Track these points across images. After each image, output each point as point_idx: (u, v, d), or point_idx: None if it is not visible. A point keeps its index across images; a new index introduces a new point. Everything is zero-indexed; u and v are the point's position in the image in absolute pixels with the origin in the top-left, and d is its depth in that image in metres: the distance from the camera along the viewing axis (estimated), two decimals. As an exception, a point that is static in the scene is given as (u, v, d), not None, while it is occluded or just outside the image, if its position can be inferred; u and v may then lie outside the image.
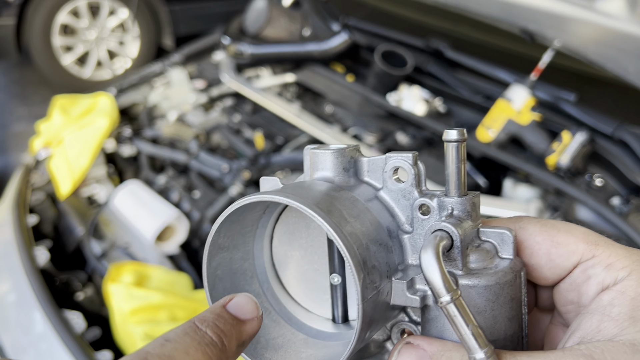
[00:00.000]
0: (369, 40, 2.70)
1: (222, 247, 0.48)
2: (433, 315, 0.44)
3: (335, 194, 0.47)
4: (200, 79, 2.88)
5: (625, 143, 1.95)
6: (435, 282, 0.39)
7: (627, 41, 2.16)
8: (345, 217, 0.44)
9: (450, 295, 0.39)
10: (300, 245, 0.53)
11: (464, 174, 0.45)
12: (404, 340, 0.44)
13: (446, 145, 0.45)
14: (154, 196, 2.10)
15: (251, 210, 0.48)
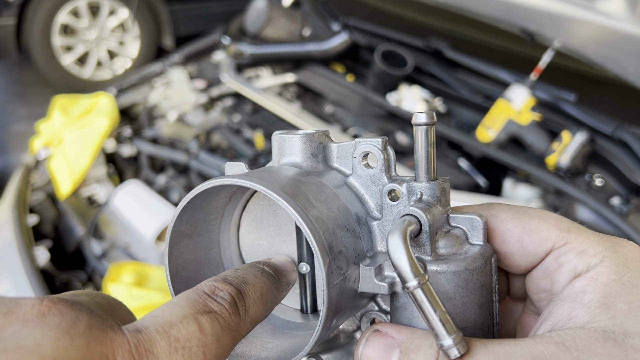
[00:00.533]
0: (369, 40, 2.70)
1: (184, 234, 0.47)
2: (402, 302, 0.43)
3: (302, 178, 0.46)
4: (200, 79, 2.88)
5: (625, 143, 1.95)
6: (402, 267, 0.38)
7: (627, 41, 2.16)
8: (311, 202, 0.43)
9: (417, 280, 0.38)
10: (268, 233, 0.52)
11: (433, 159, 0.44)
12: (371, 328, 0.43)
13: (415, 129, 0.44)
14: (154, 196, 2.10)
15: (215, 197, 0.47)
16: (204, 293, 0.37)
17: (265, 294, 0.41)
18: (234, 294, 0.38)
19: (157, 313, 0.36)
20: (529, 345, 0.37)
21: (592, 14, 2.24)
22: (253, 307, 0.39)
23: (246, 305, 0.38)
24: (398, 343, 0.41)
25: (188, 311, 0.35)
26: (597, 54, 2.14)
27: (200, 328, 0.34)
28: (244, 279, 0.40)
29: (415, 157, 0.45)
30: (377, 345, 0.41)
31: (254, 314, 0.39)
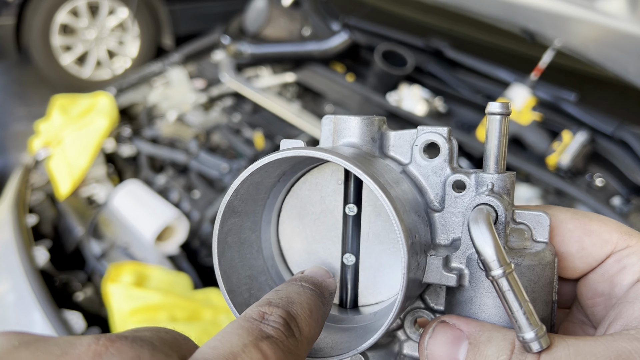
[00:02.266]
0: (369, 40, 2.69)
1: (235, 210, 0.45)
2: (466, 296, 0.42)
3: (370, 158, 0.44)
4: (200, 78, 2.88)
5: (625, 143, 1.94)
6: (489, 254, 0.37)
7: (627, 41, 2.16)
8: (387, 181, 0.41)
9: (503, 268, 0.36)
10: (311, 220, 0.50)
11: (505, 150, 0.43)
12: (438, 319, 0.42)
13: (489, 118, 0.43)
14: (154, 196, 2.10)
15: (270, 174, 0.45)
16: (254, 319, 0.36)
17: (313, 311, 0.40)
18: (285, 316, 0.37)
19: (216, 344, 0.34)
20: (610, 342, 0.36)
21: (592, 13, 2.24)
22: (306, 327, 0.38)
23: (299, 326, 0.37)
24: (466, 335, 0.40)
25: (247, 339, 0.34)
26: (598, 54, 2.13)
27: (264, 355, 0.33)
28: (288, 300, 0.39)
29: (486, 147, 0.43)
30: (444, 336, 0.40)
31: (308, 334, 0.38)
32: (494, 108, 0.42)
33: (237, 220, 0.46)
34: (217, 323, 1.65)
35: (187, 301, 1.68)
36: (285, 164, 0.44)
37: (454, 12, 2.58)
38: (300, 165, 0.48)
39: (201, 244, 2.07)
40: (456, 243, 0.44)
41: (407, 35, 2.66)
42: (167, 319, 1.62)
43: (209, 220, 2.07)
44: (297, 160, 0.44)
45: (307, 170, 0.50)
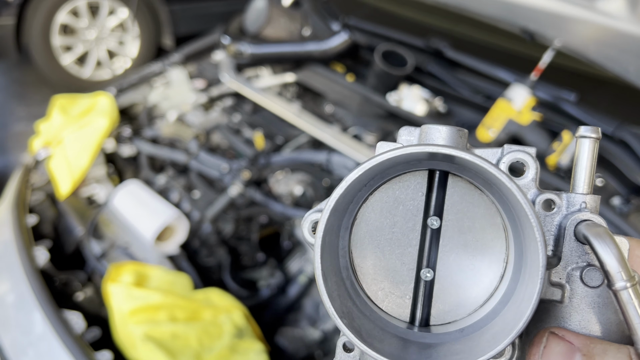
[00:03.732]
0: (369, 40, 2.69)
1: (336, 209, 0.43)
2: (564, 312, 0.43)
3: None
4: (200, 78, 2.88)
5: (625, 143, 1.94)
6: (614, 267, 0.38)
7: (627, 41, 2.16)
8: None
9: (626, 281, 0.37)
10: (387, 232, 0.48)
11: (594, 173, 0.45)
12: (547, 330, 0.42)
13: (580, 141, 0.44)
14: (154, 196, 2.10)
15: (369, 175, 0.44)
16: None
17: None
18: None
19: None
20: None
21: (592, 13, 2.24)
22: None
23: None
24: (578, 347, 0.40)
25: None
26: (598, 54, 2.13)
27: None
28: None
29: (576, 169, 0.45)
30: (557, 348, 0.40)
31: None
32: (586, 132, 0.44)
33: (333, 220, 0.44)
34: (217, 323, 1.65)
35: (187, 301, 1.68)
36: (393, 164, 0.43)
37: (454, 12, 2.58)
38: (389, 172, 0.47)
39: (201, 244, 2.07)
40: (551, 260, 0.45)
41: (407, 36, 2.66)
42: (167, 319, 1.62)
43: (209, 220, 2.07)
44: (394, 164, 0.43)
45: (386, 180, 0.49)
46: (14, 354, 1.55)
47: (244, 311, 1.72)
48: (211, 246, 2.06)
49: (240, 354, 1.59)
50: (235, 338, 1.63)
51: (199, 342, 1.58)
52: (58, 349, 1.49)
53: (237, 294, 1.85)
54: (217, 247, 2.05)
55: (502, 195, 0.44)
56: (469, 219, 0.48)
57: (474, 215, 0.48)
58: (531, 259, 0.41)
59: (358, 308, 0.46)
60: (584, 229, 0.42)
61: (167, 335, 1.57)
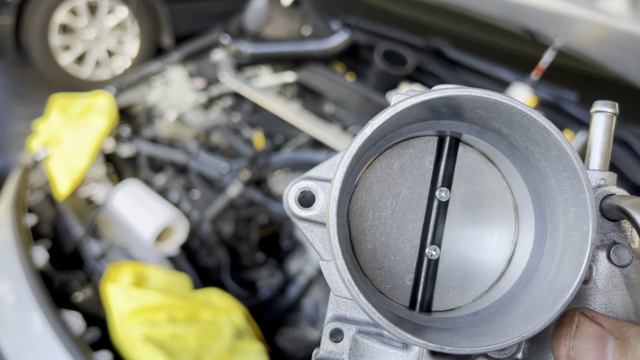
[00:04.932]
0: (370, 39, 2.69)
1: (356, 159, 0.40)
2: (588, 294, 0.41)
3: None
4: (199, 77, 2.87)
5: (626, 142, 1.94)
6: None
7: (628, 40, 2.15)
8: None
9: None
10: (389, 203, 0.44)
11: (610, 148, 0.44)
12: (576, 310, 0.40)
13: (595, 116, 0.43)
14: (153, 196, 2.09)
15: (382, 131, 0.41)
16: None
17: None
18: None
19: None
20: None
21: (593, 13, 2.23)
22: None
23: None
24: (609, 331, 0.38)
25: None
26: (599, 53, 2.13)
27: None
28: None
29: (592, 144, 0.43)
30: (589, 330, 0.38)
31: None
32: (601, 106, 0.42)
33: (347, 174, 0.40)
34: (217, 324, 1.64)
35: (186, 302, 1.67)
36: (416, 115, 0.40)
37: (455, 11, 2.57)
38: (401, 131, 0.43)
39: (201, 244, 2.06)
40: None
41: (407, 35, 2.65)
42: (167, 319, 1.61)
43: (208, 221, 2.06)
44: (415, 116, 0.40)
45: (393, 144, 0.45)
46: (13, 354, 1.54)
47: (243, 311, 1.71)
48: (211, 246, 2.05)
49: (240, 354, 1.58)
50: (235, 338, 1.62)
51: (198, 343, 1.57)
52: (57, 349, 1.48)
53: (236, 294, 1.84)
54: (216, 247, 2.05)
55: (528, 161, 0.41)
56: (478, 194, 0.45)
57: (484, 190, 0.45)
58: (567, 228, 0.39)
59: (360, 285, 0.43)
60: (617, 201, 0.40)
61: (166, 336, 1.56)
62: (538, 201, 0.43)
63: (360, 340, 0.45)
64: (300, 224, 0.45)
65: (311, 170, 0.45)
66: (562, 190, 0.39)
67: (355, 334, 0.45)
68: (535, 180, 0.42)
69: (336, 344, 0.45)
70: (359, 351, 0.45)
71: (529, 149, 0.41)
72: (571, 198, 0.38)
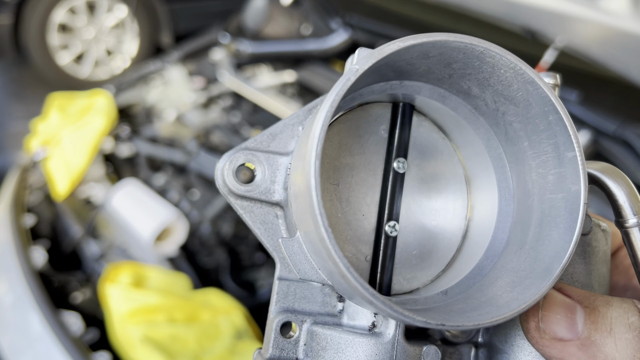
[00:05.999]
0: (370, 38, 2.68)
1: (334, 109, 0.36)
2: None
3: None
4: (199, 76, 2.86)
5: (627, 142, 1.93)
6: (625, 202, 0.36)
7: (629, 40, 2.15)
8: None
9: (637, 217, 0.36)
10: (345, 174, 0.41)
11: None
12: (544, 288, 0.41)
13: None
14: (153, 196, 2.08)
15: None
16: None
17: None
18: None
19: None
20: None
21: (594, 12, 2.23)
22: None
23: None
24: (578, 300, 0.38)
25: None
26: (600, 53, 2.12)
27: None
28: None
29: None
30: (557, 301, 0.38)
31: None
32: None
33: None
34: (216, 324, 1.63)
35: (186, 302, 1.66)
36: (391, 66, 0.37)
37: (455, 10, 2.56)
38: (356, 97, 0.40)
39: (200, 244, 2.05)
40: None
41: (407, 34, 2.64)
42: (166, 320, 1.61)
43: (208, 221, 2.05)
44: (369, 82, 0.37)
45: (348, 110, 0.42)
46: (12, 355, 1.53)
47: (243, 312, 1.71)
48: (210, 247, 2.04)
49: (239, 355, 1.58)
50: (235, 339, 1.61)
51: (197, 344, 1.57)
52: (56, 350, 1.48)
53: (236, 295, 1.84)
54: (216, 248, 2.04)
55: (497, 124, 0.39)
56: (432, 166, 0.42)
57: (436, 162, 0.42)
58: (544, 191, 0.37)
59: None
60: (588, 166, 0.38)
61: (165, 337, 1.55)
62: (502, 169, 0.40)
63: (320, 332, 0.39)
64: (237, 203, 0.40)
65: (248, 141, 0.40)
66: (540, 152, 0.37)
67: (310, 326, 0.40)
68: (500, 146, 0.40)
69: (288, 340, 0.41)
70: (319, 344, 0.39)
71: (500, 111, 0.38)
72: (552, 159, 0.36)
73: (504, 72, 0.36)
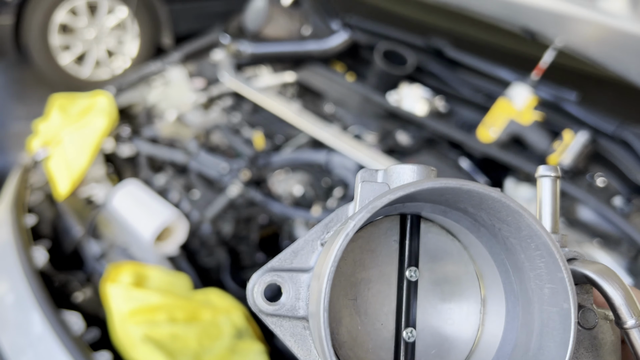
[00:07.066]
0: (370, 39, 2.69)
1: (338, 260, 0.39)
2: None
3: None
4: (199, 77, 2.87)
5: (627, 143, 1.94)
6: (622, 304, 0.38)
7: (629, 40, 2.15)
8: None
9: (636, 319, 0.37)
10: (363, 289, 0.44)
11: (558, 211, 0.44)
12: None
13: (540, 180, 0.44)
14: (153, 196, 2.09)
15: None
16: None
17: None
18: None
19: None
20: None
21: (594, 12, 2.23)
22: None
23: None
24: None
25: None
26: (599, 53, 2.13)
27: None
28: None
29: (541, 209, 0.44)
30: None
31: None
32: (545, 171, 0.44)
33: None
34: (217, 324, 1.64)
35: (186, 302, 1.67)
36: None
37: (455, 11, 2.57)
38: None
39: (201, 244, 2.06)
40: None
41: (407, 35, 2.65)
42: (167, 319, 1.61)
43: (208, 221, 2.06)
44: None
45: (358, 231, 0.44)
46: (13, 354, 1.54)
47: (244, 312, 1.71)
48: (211, 246, 2.05)
49: (240, 354, 1.58)
50: (235, 339, 1.62)
51: (198, 343, 1.57)
52: (57, 349, 1.48)
53: (236, 295, 1.84)
54: (216, 248, 2.05)
55: (494, 237, 0.42)
56: (443, 268, 0.45)
57: (448, 263, 0.45)
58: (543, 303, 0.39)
59: None
60: (581, 267, 0.40)
61: (166, 336, 1.56)
62: (505, 273, 0.42)
63: None
64: (268, 319, 0.44)
65: (273, 261, 0.44)
66: (535, 266, 0.39)
67: None
68: (502, 255, 0.42)
69: None
70: None
71: (496, 227, 0.41)
72: (545, 275, 0.38)
73: (491, 203, 0.38)
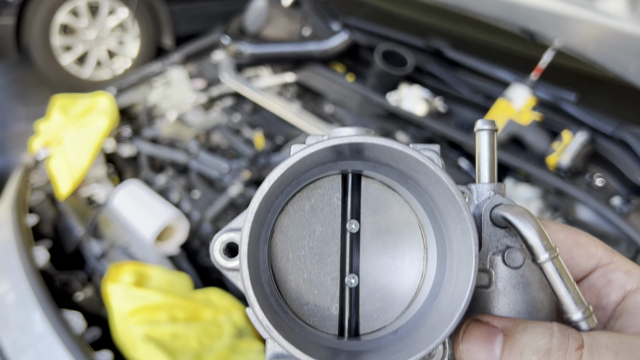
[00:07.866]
0: (369, 40, 2.69)
1: (256, 220, 0.42)
2: (492, 297, 0.44)
3: None
4: (200, 78, 2.87)
5: (625, 143, 1.94)
6: (537, 241, 0.40)
7: (627, 41, 2.16)
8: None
9: (549, 253, 0.39)
10: (306, 242, 0.47)
11: (495, 162, 0.47)
12: (470, 318, 0.43)
13: (478, 134, 0.47)
14: (154, 196, 2.10)
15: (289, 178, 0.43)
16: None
17: None
18: None
19: None
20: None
21: (592, 13, 2.24)
22: None
23: None
24: (500, 329, 0.41)
25: None
26: (598, 54, 2.13)
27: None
28: None
29: (480, 160, 0.47)
30: (478, 332, 0.42)
31: None
32: (483, 125, 0.47)
33: (254, 231, 0.43)
34: (217, 323, 1.65)
35: (187, 301, 1.68)
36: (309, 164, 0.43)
37: (454, 12, 2.58)
38: (305, 176, 0.46)
39: (201, 244, 2.07)
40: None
41: (407, 35, 2.66)
42: (167, 319, 1.62)
43: (209, 220, 2.07)
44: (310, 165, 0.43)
45: (301, 188, 0.48)
46: (14, 353, 1.55)
47: (244, 311, 1.72)
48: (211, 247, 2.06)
49: (240, 354, 1.59)
50: (235, 338, 1.63)
51: (199, 342, 1.58)
52: (58, 349, 1.49)
53: (237, 294, 1.85)
54: (217, 247, 2.05)
55: (418, 187, 0.45)
56: (385, 220, 0.48)
57: (390, 215, 0.48)
58: (458, 243, 0.42)
59: (287, 324, 0.44)
60: (502, 210, 0.43)
61: (167, 336, 1.57)
62: (435, 220, 0.46)
63: None
64: (228, 274, 0.47)
65: (233, 221, 0.47)
66: (449, 210, 0.42)
67: None
68: (429, 203, 0.45)
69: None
70: None
71: (416, 177, 0.44)
72: (456, 217, 0.41)
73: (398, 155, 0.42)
